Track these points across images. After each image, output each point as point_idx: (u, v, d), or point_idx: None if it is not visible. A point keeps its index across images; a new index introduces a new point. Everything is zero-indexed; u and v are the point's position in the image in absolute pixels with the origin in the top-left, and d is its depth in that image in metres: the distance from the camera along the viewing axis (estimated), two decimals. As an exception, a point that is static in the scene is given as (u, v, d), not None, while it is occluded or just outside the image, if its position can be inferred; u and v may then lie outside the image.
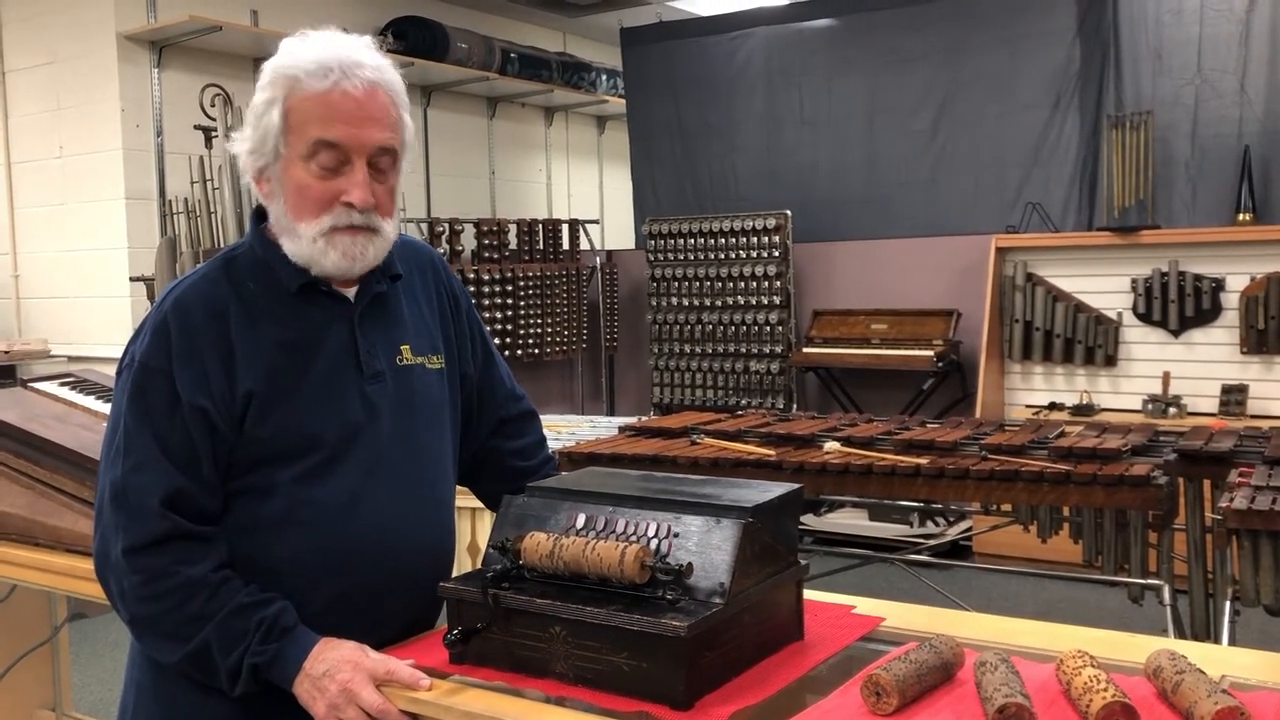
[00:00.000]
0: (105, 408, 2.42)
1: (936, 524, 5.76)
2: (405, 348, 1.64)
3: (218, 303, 1.52)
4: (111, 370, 1.61)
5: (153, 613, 1.47)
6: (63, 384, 2.55)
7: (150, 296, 5.28)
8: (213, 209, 5.27)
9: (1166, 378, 5.40)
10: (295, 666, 1.44)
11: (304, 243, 1.52)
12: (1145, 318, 5.52)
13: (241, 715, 1.51)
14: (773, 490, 1.48)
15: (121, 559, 1.46)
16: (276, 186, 1.53)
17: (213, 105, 5.37)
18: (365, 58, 1.52)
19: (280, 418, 1.51)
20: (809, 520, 5.86)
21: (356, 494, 1.54)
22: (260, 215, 1.61)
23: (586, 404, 7.47)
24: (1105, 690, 1.19)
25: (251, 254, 1.58)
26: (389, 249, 1.59)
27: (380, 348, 1.61)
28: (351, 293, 1.60)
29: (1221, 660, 1.40)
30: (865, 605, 1.65)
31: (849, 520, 5.92)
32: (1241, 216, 5.38)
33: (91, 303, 5.69)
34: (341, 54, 1.50)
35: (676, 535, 1.40)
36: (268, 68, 1.52)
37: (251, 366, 1.50)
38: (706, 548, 1.37)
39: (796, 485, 1.53)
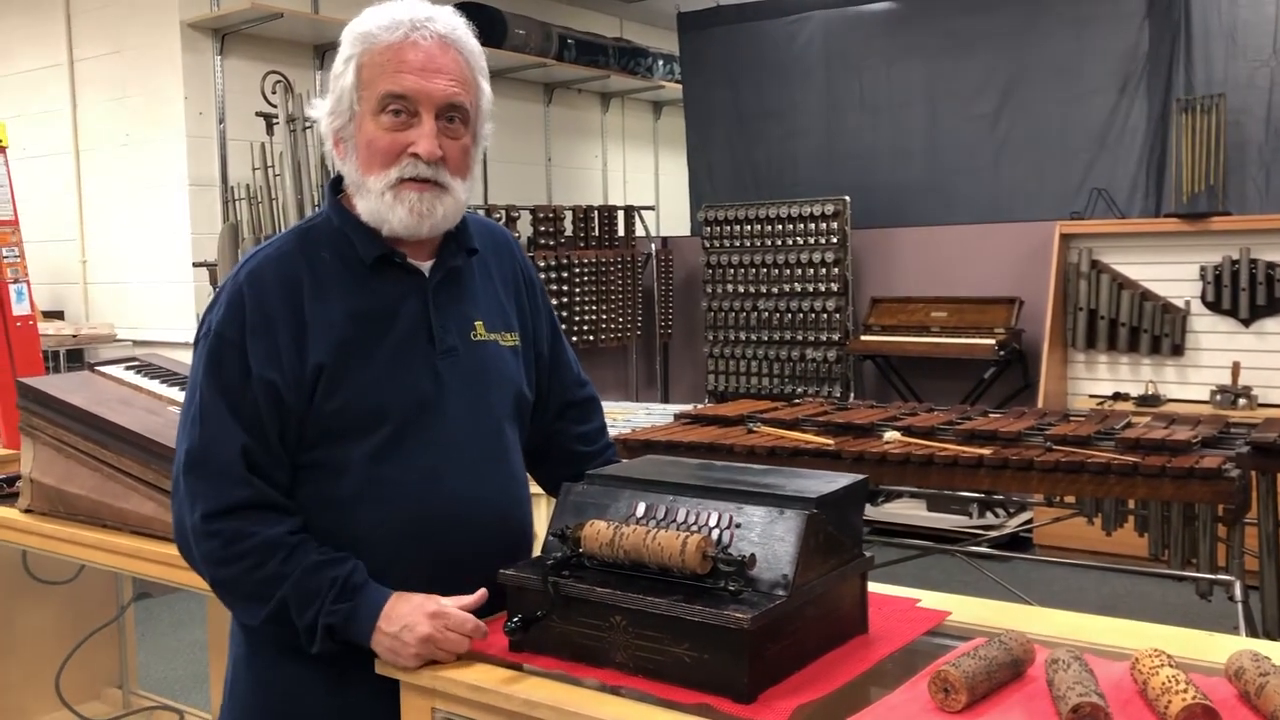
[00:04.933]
0: (169, 391, 2.45)
1: (996, 515, 5.68)
2: (479, 323, 1.63)
3: (291, 275, 1.53)
4: (175, 354, 1.63)
5: (233, 575, 1.49)
6: (128, 368, 2.59)
7: (213, 282, 5.36)
8: (274, 195, 5.32)
9: (1236, 368, 5.26)
10: (369, 625, 1.45)
11: (373, 197, 1.53)
12: (1214, 306, 5.38)
13: (328, 686, 1.53)
14: (837, 481, 1.46)
15: (200, 524, 1.48)
16: (350, 146, 1.55)
17: (274, 92, 5.42)
18: (437, 13, 1.54)
19: (350, 390, 1.51)
20: (866, 510, 5.80)
21: (430, 470, 1.54)
22: (336, 186, 1.63)
23: (641, 391, 7.45)
24: (1185, 691, 1.15)
25: (328, 224, 1.59)
26: (461, 212, 1.59)
27: (454, 322, 1.60)
28: (427, 266, 1.60)
29: (1304, 662, 1.34)
30: (929, 598, 1.62)
31: (907, 510, 5.85)
32: (1317, 202, 5.22)
33: (156, 288, 5.79)
34: (415, 11, 1.52)
35: (739, 526, 1.38)
36: (344, 33, 1.55)
37: (322, 339, 1.51)
38: (769, 539, 1.35)
39: (861, 476, 1.50)
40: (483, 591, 1.49)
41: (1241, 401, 5.12)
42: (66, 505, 2.34)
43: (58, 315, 6.07)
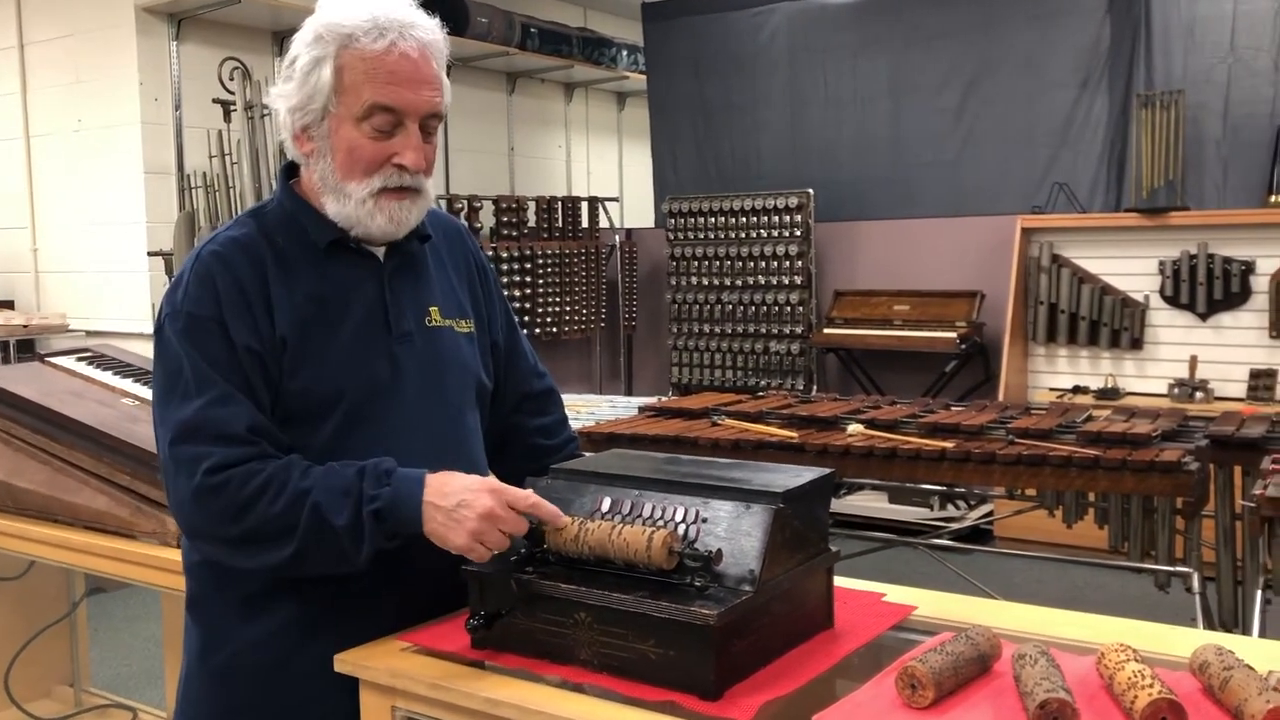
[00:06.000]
0: (122, 383, 2.39)
1: (958, 507, 5.72)
2: (434, 309, 1.62)
3: (256, 253, 1.51)
4: (130, 345, 1.59)
5: (255, 519, 1.41)
6: (80, 359, 2.53)
7: (168, 271, 5.27)
8: (231, 183, 5.24)
9: (1194, 362, 5.32)
10: (417, 500, 1.40)
11: (351, 203, 1.51)
12: (1173, 300, 5.44)
13: (285, 683, 1.51)
14: (804, 475, 1.45)
15: (204, 479, 1.40)
16: (323, 145, 1.52)
17: (231, 79, 5.33)
18: (417, 17, 1.52)
19: (308, 373, 1.49)
20: (828, 502, 5.81)
21: (388, 456, 1.51)
22: (288, 172, 1.60)
23: (605, 383, 7.43)
24: (1151, 686, 1.15)
25: (280, 210, 1.58)
26: (428, 208, 1.59)
27: (409, 308, 1.59)
28: (380, 251, 1.59)
29: (1267, 655, 1.35)
30: (892, 591, 1.62)
31: (868, 503, 5.87)
32: (1273, 198, 5.29)
33: (110, 277, 5.68)
34: (394, 13, 1.49)
35: (705, 520, 1.36)
36: (313, 24, 1.50)
37: (285, 316, 1.49)
38: (736, 534, 1.34)
39: (828, 470, 1.49)
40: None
41: (1199, 395, 5.19)
42: (15, 500, 2.29)
43: (8, 305, 5.95)
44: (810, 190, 6.28)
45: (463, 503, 1.39)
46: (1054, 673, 1.20)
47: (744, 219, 6.43)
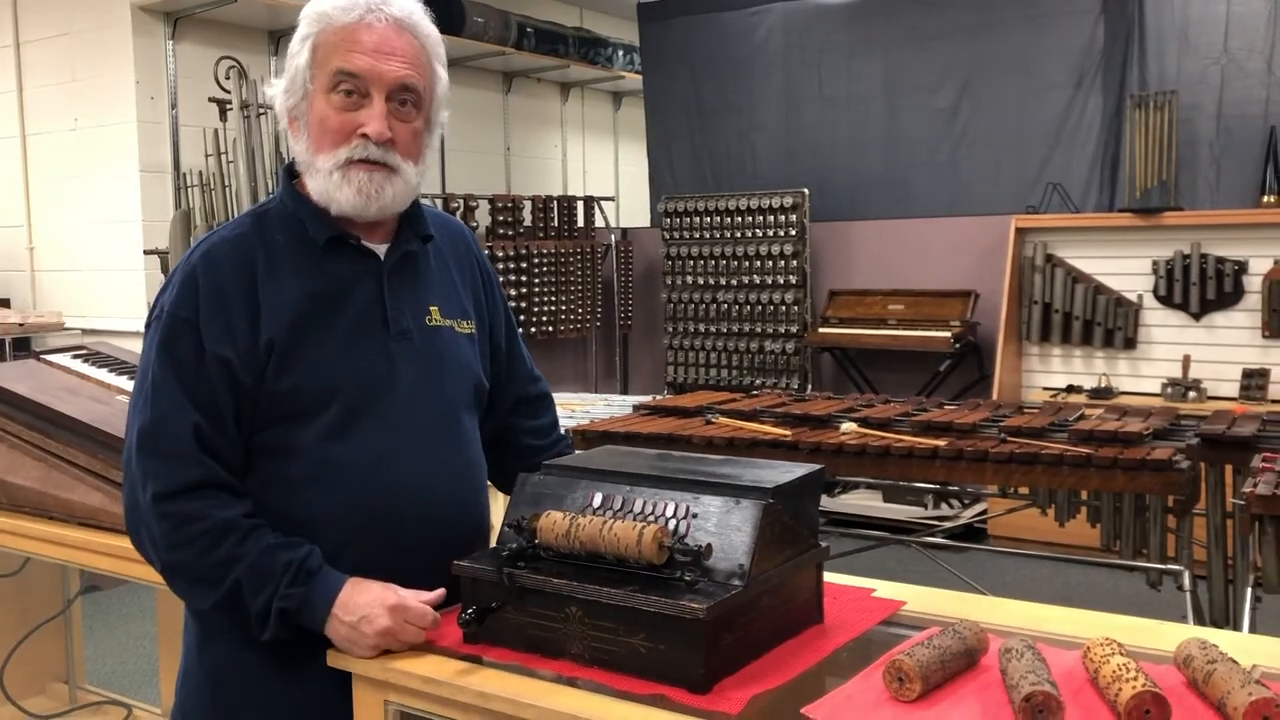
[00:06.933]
0: (117, 380, 2.40)
1: (951, 506, 5.73)
2: (434, 309, 1.63)
3: (246, 255, 1.52)
4: (125, 343, 1.60)
5: (184, 558, 1.47)
6: (75, 356, 2.54)
7: (164, 270, 5.27)
8: (227, 182, 5.24)
9: (1186, 361, 5.34)
10: (324, 610, 1.44)
11: (321, 176, 1.53)
12: (1166, 300, 5.46)
13: (282, 676, 1.52)
14: (794, 471, 1.46)
15: (151, 505, 1.46)
16: (302, 123, 1.55)
17: (227, 78, 5.34)
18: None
19: (301, 370, 1.50)
20: (822, 501, 5.83)
21: (382, 454, 1.53)
22: (291, 171, 1.62)
23: (600, 382, 7.44)
24: (1135, 679, 1.16)
25: (282, 208, 1.59)
26: (411, 195, 1.59)
27: (408, 306, 1.60)
28: (382, 250, 1.59)
29: (1250, 649, 1.36)
30: (884, 588, 1.63)
31: (863, 501, 5.89)
32: (1266, 198, 5.30)
33: (106, 276, 5.68)
34: None
35: (695, 516, 1.38)
36: (302, 13, 1.55)
37: (275, 316, 1.50)
38: (726, 529, 1.35)
39: (817, 466, 1.50)
40: (442, 590, 1.48)
41: (1191, 394, 5.21)
42: (10, 496, 2.30)
43: (3, 303, 5.96)
44: (805, 190, 6.30)
45: (364, 618, 1.43)
46: (1040, 666, 1.22)
47: (739, 218, 6.45)
